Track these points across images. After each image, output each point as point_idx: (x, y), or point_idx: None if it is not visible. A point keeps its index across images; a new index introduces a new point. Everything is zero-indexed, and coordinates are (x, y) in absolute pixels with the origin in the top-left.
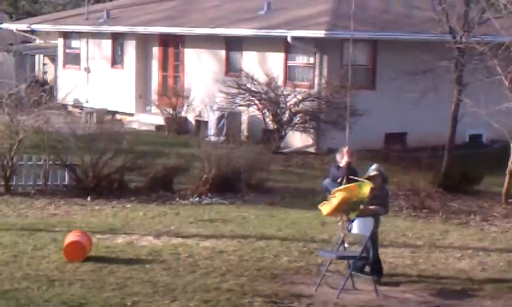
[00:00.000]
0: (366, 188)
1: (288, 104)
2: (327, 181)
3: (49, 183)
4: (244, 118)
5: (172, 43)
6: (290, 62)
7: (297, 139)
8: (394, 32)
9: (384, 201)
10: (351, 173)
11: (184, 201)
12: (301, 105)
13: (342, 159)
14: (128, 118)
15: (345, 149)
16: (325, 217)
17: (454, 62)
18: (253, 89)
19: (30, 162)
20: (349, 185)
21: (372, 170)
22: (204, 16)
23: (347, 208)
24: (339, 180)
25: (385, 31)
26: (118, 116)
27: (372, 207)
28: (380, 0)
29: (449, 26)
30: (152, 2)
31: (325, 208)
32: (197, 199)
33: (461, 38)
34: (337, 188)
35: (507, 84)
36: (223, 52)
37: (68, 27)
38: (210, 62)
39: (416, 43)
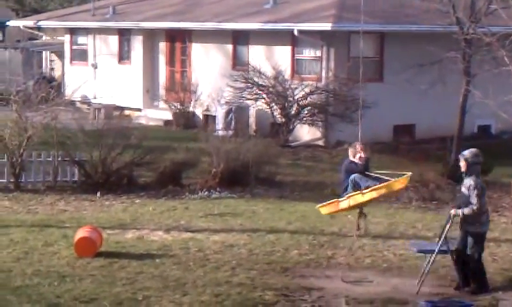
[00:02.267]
0: (398, 185)
1: (296, 97)
2: (357, 177)
3: (58, 179)
4: (252, 112)
5: (179, 38)
6: (297, 56)
7: (306, 133)
8: (401, 24)
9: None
10: (367, 169)
11: (193, 196)
12: (308, 99)
13: (356, 154)
14: (136, 113)
15: (360, 145)
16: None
17: (462, 53)
18: (260, 82)
19: (39, 159)
20: (383, 184)
21: None
22: (210, 11)
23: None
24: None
25: (392, 23)
26: (126, 112)
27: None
28: None
29: (456, 17)
30: None
31: (326, 209)
32: (206, 193)
33: (468, 29)
34: (373, 188)
35: None
36: (229, 46)
37: (75, 23)
38: (217, 57)
39: (424, 34)
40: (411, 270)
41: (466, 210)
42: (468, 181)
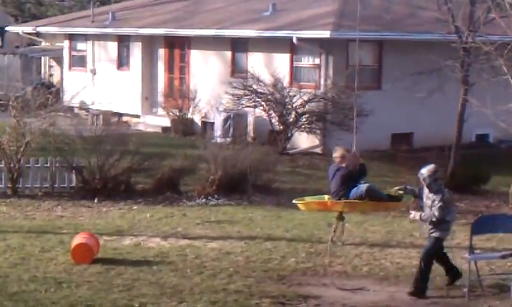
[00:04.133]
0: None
1: (294, 105)
2: (372, 186)
3: (56, 185)
4: (250, 119)
5: (178, 45)
6: (295, 63)
7: (304, 140)
8: (400, 33)
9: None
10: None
11: (190, 203)
12: (307, 106)
13: (340, 159)
14: (134, 120)
15: (350, 154)
16: (331, 218)
17: (460, 62)
18: (259, 90)
19: (37, 165)
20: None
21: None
22: (209, 18)
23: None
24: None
25: (391, 31)
26: (124, 118)
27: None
28: (385, 0)
29: (455, 26)
30: (158, 4)
31: (303, 206)
32: (204, 200)
33: (466, 37)
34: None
35: None
36: (228, 53)
37: (74, 29)
38: (216, 64)
39: (422, 43)
40: (408, 279)
41: (425, 216)
42: (432, 197)
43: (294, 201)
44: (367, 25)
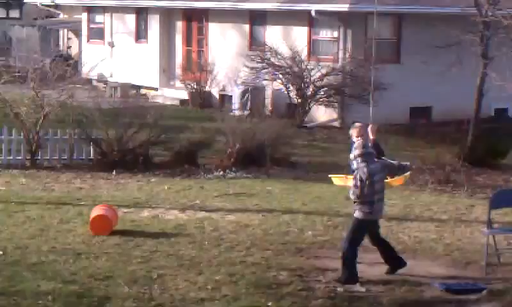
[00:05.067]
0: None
1: (312, 78)
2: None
3: (74, 157)
4: (268, 92)
5: (196, 18)
6: (314, 37)
7: (322, 114)
8: (418, 6)
9: None
10: (377, 151)
11: (208, 175)
12: (325, 80)
13: (357, 136)
14: (152, 92)
15: (362, 128)
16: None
17: (479, 35)
18: (277, 63)
19: (55, 137)
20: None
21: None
22: None
23: None
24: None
25: (410, 5)
26: (142, 90)
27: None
28: None
29: None
30: None
31: (337, 181)
32: (221, 173)
33: (486, 11)
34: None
35: None
36: (246, 26)
37: (92, 1)
38: (233, 37)
39: (441, 16)
40: (425, 253)
41: (351, 194)
42: (355, 165)
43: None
44: None
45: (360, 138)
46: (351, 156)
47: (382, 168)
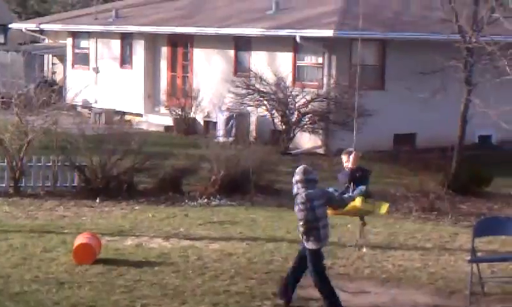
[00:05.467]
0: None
1: (297, 105)
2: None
3: (58, 184)
4: (253, 119)
5: (181, 43)
6: (299, 62)
7: (306, 140)
8: (403, 32)
9: None
10: (361, 177)
11: (192, 203)
12: (309, 106)
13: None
14: (137, 119)
15: (351, 154)
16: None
17: (463, 62)
18: (261, 89)
19: (39, 163)
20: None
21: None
22: (213, 16)
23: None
24: (346, 185)
25: (394, 31)
26: (127, 117)
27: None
28: None
29: (458, 26)
30: (161, 2)
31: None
32: (206, 200)
33: (470, 37)
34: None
35: None
36: (231, 52)
37: (77, 26)
38: (219, 62)
39: (426, 42)
40: (409, 281)
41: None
42: (295, 189)
43: None
44: (370, 24)
45: (349, 163)
46: (293, 180)
47: (321, 195)
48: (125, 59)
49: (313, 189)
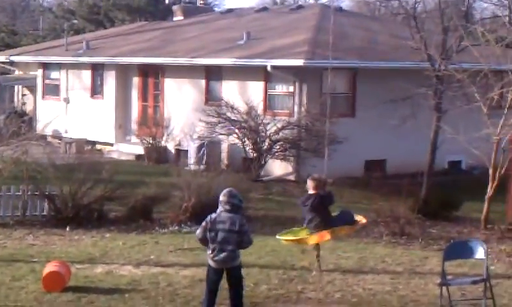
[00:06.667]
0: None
1: (268, 132)
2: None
3: (28, 213)
4: (224, 147)
5: (152, 73)
6: (270, 91)
7: (277, 167)
8: (373, 61)
9: None
10: (325, 203)
11: (163, 230)
12: (280, 134)
13: (313, 189)
14: (108, 148)
15: (313, 180)
16: (305, 245)
17: (433, 89)
18: (233, 118)
19: (8, 193)
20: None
21: None
22: (184, 47)
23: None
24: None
25: (364, 60)
26: (97, 146)
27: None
28: (358, 29)
29: (427, 54)
30: (132, 33)
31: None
32: (177, 227)
33: (439, 65)
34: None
35: (485, 110)
36: (203, 82)
37: (48, 58)
38: (190, 92)
39: (395, 71)
40: (380, 305)
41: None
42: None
43: (277, 236)
44: (341, 53)
45: (314, 191)
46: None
47: (230, 223)
48: (96, 90)
49: (229, 213)
